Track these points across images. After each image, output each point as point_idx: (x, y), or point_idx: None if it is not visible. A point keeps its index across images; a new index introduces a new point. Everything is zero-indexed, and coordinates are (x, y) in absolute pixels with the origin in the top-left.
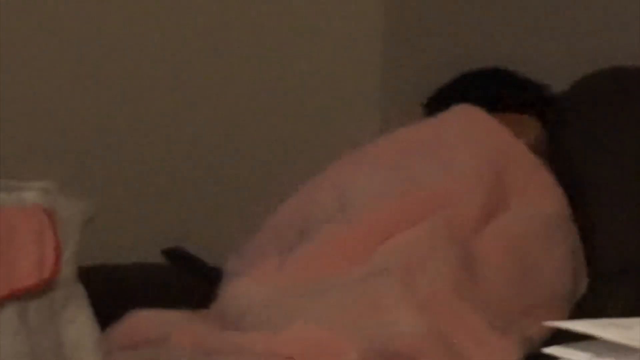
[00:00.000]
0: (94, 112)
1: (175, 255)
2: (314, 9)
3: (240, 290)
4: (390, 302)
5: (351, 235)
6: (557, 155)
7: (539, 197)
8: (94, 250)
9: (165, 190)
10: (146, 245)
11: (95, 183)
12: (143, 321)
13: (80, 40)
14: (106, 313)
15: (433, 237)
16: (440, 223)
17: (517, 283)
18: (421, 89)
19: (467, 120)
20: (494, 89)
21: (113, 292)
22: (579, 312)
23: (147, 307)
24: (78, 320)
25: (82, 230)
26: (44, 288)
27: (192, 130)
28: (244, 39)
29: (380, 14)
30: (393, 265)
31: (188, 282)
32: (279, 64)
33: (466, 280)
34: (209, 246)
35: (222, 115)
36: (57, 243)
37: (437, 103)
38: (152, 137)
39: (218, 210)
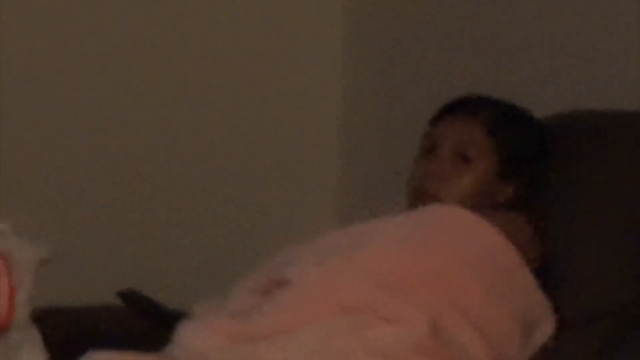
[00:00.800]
0: (48, 154)
1: (131, 298)
2: (276, 49)
3: (196, 334)
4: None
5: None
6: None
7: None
8: (50, 293)
9: (121, 233)
10: (102, 288)
11: (51, 226)
12: None
13: (29, 88)
14: (61, 355)
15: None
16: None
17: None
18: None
19: (450, 218)
20: None
21: (69, 334)
22: None
23: (102, 349)
24: None
25: (37, 273)
26: None
27: (150, 172)
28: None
29: (339, 55)
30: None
31: (144, 324)
32: (238, 114)
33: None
34: (165, 289)
35: (182, 160)
36: (11, 288)
37: None
38: (108, 179)
39: (174, 253)
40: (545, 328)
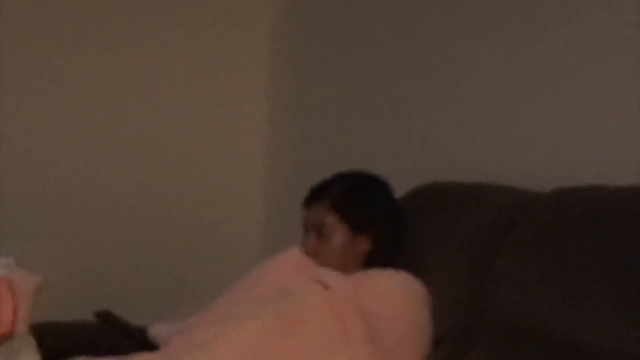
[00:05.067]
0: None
1: (105, 316)
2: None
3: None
4: None
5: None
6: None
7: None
8: (44, 311)
9: (99, 263)
10: (83, 308)
11: (45, 259)
12: None
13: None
14: None
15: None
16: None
17: None
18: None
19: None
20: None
21: (58, 344)
22: None
23: (84, 356)
24: None
25: (34, 296)
26: (3, 339)
27: (127, 205)
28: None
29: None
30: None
31: (115, 339)
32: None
33: None
34: (134, 310)
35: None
36: (14, 306)
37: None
38: (92, 214)
39: (143, 279)
40: None
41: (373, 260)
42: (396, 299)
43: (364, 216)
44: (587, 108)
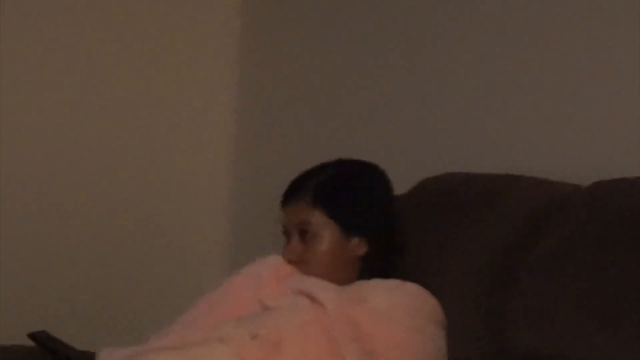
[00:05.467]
0: None
1: (41, 339)
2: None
3: None
4: None
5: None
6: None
7: None
8: None
9: (31, 279)
10: (13, 329)
11: None
12: None
13: None
14: None
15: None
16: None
17: None
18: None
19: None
20: None
21: None
22: None
23: None
24: None
25: None
26: None
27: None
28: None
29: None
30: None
31: None
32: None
33: None
34: (79, 332)
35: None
36: None
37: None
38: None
39: (89, 295)
40: None
41: (368, 268)
42: (403, 319)
43: (357, 212)
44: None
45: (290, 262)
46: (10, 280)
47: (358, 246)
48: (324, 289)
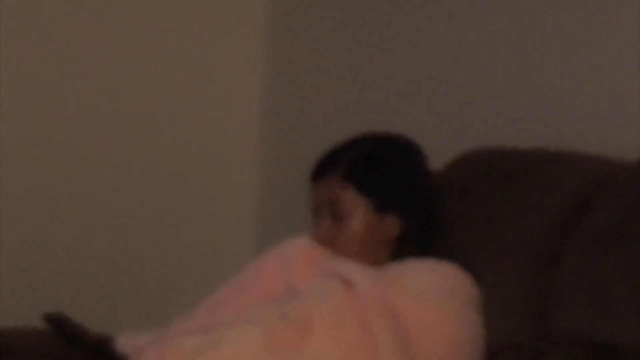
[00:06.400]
0: None
1: (57, 321)
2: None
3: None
4: None
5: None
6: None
7: None
8: None
9: (47, 256)
10: (28, 310)
11: None
12: None
13: None
14: None
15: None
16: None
17: None
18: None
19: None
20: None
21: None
22: None
23: None
24: None
25: None
26: None
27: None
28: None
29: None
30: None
31: (68, 347)
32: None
33: None
34: (96, 315)
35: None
36: None
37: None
38: (39, 204)
39: (108, 277)
40: None
41: (403, 249)
42: (438, 300)
43: (390, 189)
44: None
45: (319, 242)
46: (24, 255)
47: (392, 225)
48: (356, 271)
